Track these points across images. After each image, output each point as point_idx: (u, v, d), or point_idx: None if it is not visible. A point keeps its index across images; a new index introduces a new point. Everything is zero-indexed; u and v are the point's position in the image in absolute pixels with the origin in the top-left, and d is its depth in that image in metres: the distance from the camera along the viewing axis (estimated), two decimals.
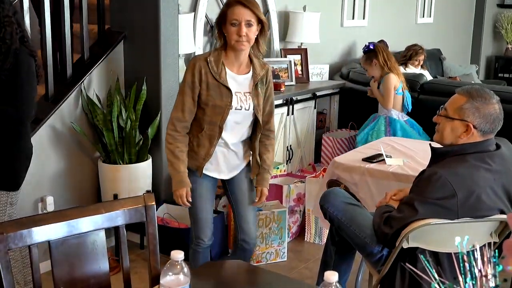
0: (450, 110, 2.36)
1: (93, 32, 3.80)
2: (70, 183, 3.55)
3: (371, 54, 4.39)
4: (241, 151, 2.75)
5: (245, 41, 2.57)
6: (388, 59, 4.38)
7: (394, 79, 4.32)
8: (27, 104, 2.65)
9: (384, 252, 2.52)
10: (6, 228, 1.60)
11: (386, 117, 4.36)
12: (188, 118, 2.63)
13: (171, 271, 1.48)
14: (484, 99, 2.32)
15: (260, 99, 2.68)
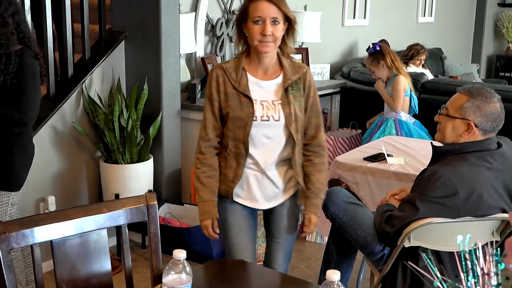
0: (451, 109, 2.37)
1: (94, 32, 3.80)
2: (71, 183, 3.55)
3: (377, 55, 4.30)
4: (279, 177, 2.34)
5: (271, 41, 2.19)
6: (396, 60, 4.32)
7: (404, 81, 4.25)
8: (31, 107, 2.67)
9: (385, 251, 2.53)
10: (8, 227, 1.61)
11: (395, 119, 4.27)
12: (212, 136, 2.29)
13: (173, 270, 1.48)
14: (485, 98, 2.33)
15: (293, 108, 2.26)
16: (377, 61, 4.30)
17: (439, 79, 5.38)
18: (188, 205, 3.74)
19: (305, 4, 4.96)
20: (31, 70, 2.65)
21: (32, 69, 2.66)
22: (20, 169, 2.74)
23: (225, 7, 4.40)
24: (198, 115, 3.78)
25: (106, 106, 3.61)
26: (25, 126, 2.69)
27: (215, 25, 4.29)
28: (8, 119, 2.63)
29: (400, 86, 4.22)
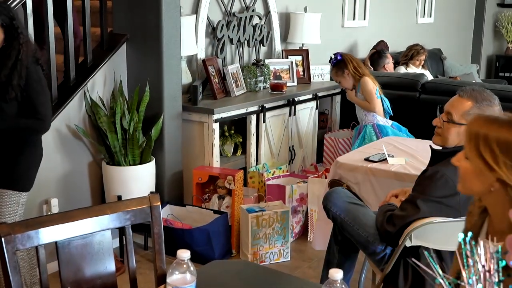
0: (456, 115, 2.36)
1: (96, 34, 3.81)
2: (74, 185, 3.56)
3: (341, 65, 4.27)
4: None
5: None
6: (359, 66, 4.27)
7: (370, 82, 4.22)
8: (49, 115, 2.79)
9: (387, 251, 2.54)
10: (14, 229, 1.62)
11: (373, 125, 4.22)
12: None
13: (177, 270, 1.50)
14: (489, 102, 2.34)
15: None
16: (341, 70, 4.27)
17: (439, 80, 5.40)
18: (190, 207, 3.76)
19: (305, 5, 4.97)
20: (36, 77, 2.69)
21: (37, 75, 2.69)
22: (32, 170, 2.79)
23: (225, 9, 4.42)
24: (200, 117, 3.81)
25: (108, 109, 3.63)
26: (44, 131, 2.82)
27: (216, 27, 4.31)
28: (32, 129, 2.74)
29: (369, 86, 4.20)
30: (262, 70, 4.47)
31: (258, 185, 4.01)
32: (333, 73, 4.37)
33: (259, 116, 4.18)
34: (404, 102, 4.79)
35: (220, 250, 3.60)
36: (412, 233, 2.34)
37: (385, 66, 5.49)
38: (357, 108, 4.37)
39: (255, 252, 3.59)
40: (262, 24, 4.68)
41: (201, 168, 3.80)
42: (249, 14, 4.54)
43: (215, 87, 4.10)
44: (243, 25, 4.49)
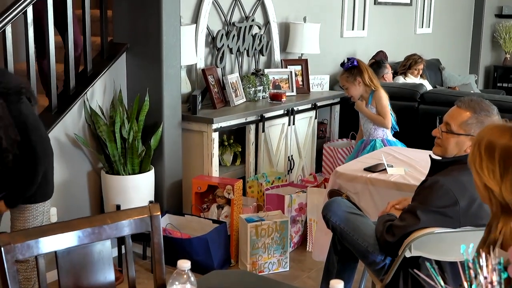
0: (455, 126, 2.38)
1: (96, 43, 3.82)
2: (73, 194, 3.56)
3: (354, 71, 4.02)
4: None
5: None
6: (374, 77, 4.07)
7: (386, 96, 4.02)
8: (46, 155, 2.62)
9: (386, 261, 2.54)
10: (14, 238, 1.62)
11: (382, 140, 4.03)
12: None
13: (177, 280, 1.49)
14: (487, 112, 2.36)
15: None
16: (354, 77, 4.02)
17: (438, 90, 5.42)
18: (189, 216, 3.75)
19: (304, 15, 4.99)
20: (25, 119, 2.52)
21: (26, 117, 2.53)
22: (48, 176, 2.74)
23: (225, 19, 4.44)
24: (199, 126, 3.82)
25: (107, 118, 3.63)
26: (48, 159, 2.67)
27: (215, 37, 4.32)
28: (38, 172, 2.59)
29: (385, 100, 4.02)
30: (262, 80, 4.48)
31: (257, 195, 4.01)
32: (344, 77, 4.08)
33: (258, 126, 4.18)
34: (403, 112, 4.79)
35: (219, 260, 3.59)
36: (411, 243, 2.33)
37: (384, 76, 5.50)
38: (364, 120, 4.14)
39: (254, 262, 3.59)
40: (262, 34, 4.69)
41: (200, 178, 3.79)
42: (248, 24, 4.55)
43: (215, 96, 4.10)
44: (242, 35, 4.50)
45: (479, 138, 1.58)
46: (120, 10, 3.74)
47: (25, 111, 2.54)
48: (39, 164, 2.58)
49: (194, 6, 4.19)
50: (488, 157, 1.52)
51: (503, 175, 1.50)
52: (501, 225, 1.52)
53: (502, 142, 1.52)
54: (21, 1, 3.14)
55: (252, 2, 4.65)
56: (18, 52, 3.50)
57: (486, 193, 1.55)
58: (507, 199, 1.50)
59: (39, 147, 2.57)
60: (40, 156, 2.57)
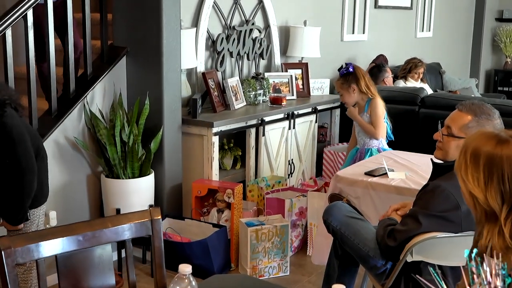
0: (455, 129, 2.38)
1: (96, 47, 3.82)
2: (73, 198, 3.55)
3: (350, 78, 3.88)
4: None
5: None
6: (371, 84, 3.93)
7: (382, 104, 3.89)
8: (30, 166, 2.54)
9: (387, 265, 2.53)
10: (14, 242, 1.61)
11: (378, 149, 3.88)
12: None
13: (179, 284, 1.49)
14: (488, 115, 2.35)
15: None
16: (349, 84, 3.89)
17: (438, 94, 5.42)
18: (189, 220, 3.74)
19: (304, 19, 4.99)
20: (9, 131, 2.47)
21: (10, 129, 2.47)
22: (46, 180, 2.74)
23: (225, 23, 4.44)
24: (199, 130, 3.81)
25: (107, 121, 3.62)
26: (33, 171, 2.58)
27: (215, 40, 4.32)
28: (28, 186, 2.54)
29: (379, 110, 3.88)
30: (262, 84, 4.48)
31: (257, 199, 4.00)
32: (339, 83, 3.96)
33: (258, 130, 4.17)
34: (403, 116, 4.80)
35: (219, 264, 3.58)
36: (413, 248, 2.33)
37: (384, 80, 5.50)
38: (358, 129, 4.03)
39: (254, 266, 3.58)
40: (262, 38, 4.69)
41: (200, 181, 3.78)
42: (249, 27, 4.55)
43: (215, 100, 4.10)
44: (243, 39, 4.50)
45: (466, 144, 1.59)
46: (120, 13, 3.73)
47: (10, 123, 2.47)
48: (25, 176, 2.51)
49: (194, 10, 4.18)
50: (473, 164, 1.53)
51: (487, 183, 1.51)
52: (486, 233, 1.52)
53: (487, 149, 1.53)
54: (21, 5, 3.14)
55: (252, 5, 4.65)
56: (18, 55, 3.49)
57: (471, 200, 1.56)
58: (492, 206, 1.50)
59: (23, 160, 2.49)
60: (24, 168, 2.50)
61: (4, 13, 3.12)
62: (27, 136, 2.55)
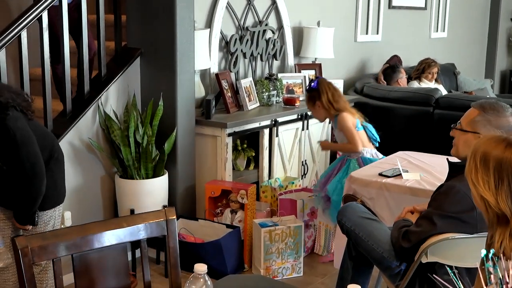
0: (464, 123, 2.41)
1: (110, 48, 3.84)
2: (87, 198, 3.57)
3: (313, 94, 3.76)
4: None
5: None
6: (335, 99, 3.73)
7: (349, 117, 3.71)
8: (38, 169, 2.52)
9: (402, 267, 2.52)
10: (31, 241, 1.62)
11: (357, 158, 3.73)
12: None
13: (194, 284, 1.49)
14: (497, 112, 2.35)
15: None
16: (313, 100, 3.77)
17: (453, 95, 5.38)
18: (203, 221, 3.75)
19: (318, 20, 4.98)
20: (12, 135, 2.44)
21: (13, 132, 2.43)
22: (61, 181, 2.73)
23: (239, 24, 4.44)
24: (213, 131, 3.81)
25: (121, 122, 3.64)
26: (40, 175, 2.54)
27: (229, 41, 4.32)
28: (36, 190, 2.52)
29: (348, 122, 3.70)
30: (275, 84, 4.48)
31: (271, 200, 4.00)
32: (306, 100, 3.88)
33: (272, 130, 4.17)
34: (418, 117, 4.77)
35: (233, 265, 3.58)
36: (427, 249, 2.31)
37: (398, 81, 5.48)
38: (339, 139, 3.85)
39: (268, 267, 3.57)
40: (275, 39, 4.69)
41: (214, 182, 3.79)
42: (262, 28, 4.55)
43: (228, 101, 4.10)
44: (256, 39, 4.50)
45: (475, 149, 1.60)
46: (134, 15, 3.75)
47: (13, 126, 2.43)
48: (31, 180, 2.49)
49: (208, 11, 4.19)
50: (483, 168, 1.54)
51: (498, 186, 1.53)
52: (498, 236, 1.52)
53: (496, 153, 1.54)
54: (36, 7, 3.16)
55: (265, 6, 4.65)
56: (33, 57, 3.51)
57: (483, 203, 1.57)
58: (503, 209, 1.51)
59: (27, 164, 2.46)
60: (29, 172, 2.47)
61: (19, 15, 3.14)
62: (32, 139, 2.51)
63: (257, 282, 1.94)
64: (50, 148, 2.65)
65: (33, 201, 2.52)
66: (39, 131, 2.62)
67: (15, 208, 2.56)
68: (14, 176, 2.49)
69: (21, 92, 2.61)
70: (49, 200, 2.64)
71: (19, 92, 2.59)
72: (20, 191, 2.50)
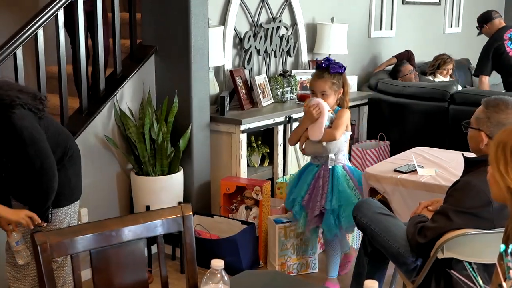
0: (472, 120, 2.45)
1: (125, 46, 3.86)
2: (103, 195, 3.60)
3: (340, 78, 3.28)
4: None
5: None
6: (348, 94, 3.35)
7: (349, 115, 3.31)
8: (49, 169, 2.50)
9: (418, 262, 2.51)
10: (50, 237, 1.64)
11: (343, 166, 3.31)
12: None
13: (211, 279, 1.50)
14: (498, 109, 2.36)
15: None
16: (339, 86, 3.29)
17: (468, 90, 5.34)
18: (218, 217, 3.76)
19: (332, 16, 4.97)
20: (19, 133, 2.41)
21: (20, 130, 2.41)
22: (77, 179, 2.73)
23: (252, 21, 4.44)
24: (227, 128, 3.83)
25: (137, 119, 3.66)
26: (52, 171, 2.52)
27: (243, 38, 4.33)
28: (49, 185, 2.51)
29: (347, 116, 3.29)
30: (289, 81, 4.48)
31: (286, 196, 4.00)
32: (328, 82, 3.24)
33: (286, 127, 4.17)
34: (432, 113, 4.75)
35: (248, 261, 3.59)
36: (444, 245, 2.31)
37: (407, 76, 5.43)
38: (315, 147, 3.31)
39: (283, 263, 3.58)
40: (289, 35, 4.69)
41: (229, 179, 3.80)
42: (276, 25, 4.55)
43: (242, 97, 4.11)
44: (270, 36, 4.50)
45: (502, 140, 1.60)
46: (148, 12, 3.77)
47: (19, 124, 2.42)
48: (41, 177, 2.48)
49: (222, 8, 4.20)
50: None
51: None
52: None
53: None
54: (52, 5, 3.19)
55: (279, 3, 4.64)
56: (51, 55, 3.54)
57: (509, 195, 1.56)
58: None
59: (36, 161, 2.45)
60: (39, 169, 2.46)
61: (36, 13, 3.17)
62: (41, 136, 2.49)
63: (274, 278, 1.95)
64: (64, 145, 2.66)
65: (45, 198, 2.53)
66: (52, 129, 2.62)
67: (29, 205, 2.59)
68: (24, 173, 2.51)
69: (32, 91, 2.60)
70: (64, 197, 2.65)
71: (29, 90, 2.58)
72: (32, 188, 2.52)
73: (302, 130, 3.32)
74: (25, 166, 2.47)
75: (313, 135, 3.24)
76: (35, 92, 2.63)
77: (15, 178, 2.54)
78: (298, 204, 3.36)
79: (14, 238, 2.59)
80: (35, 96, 2.57)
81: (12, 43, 3.04)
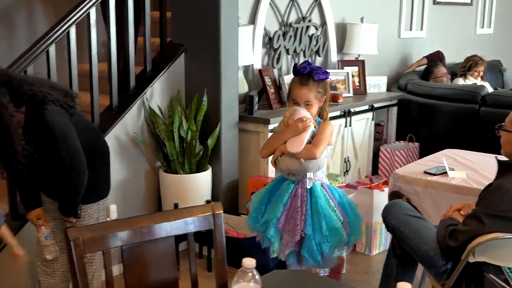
0: (507, 123, 2.40)
1: (155, 44, 3.89)
2: (132, 192, 3.62)
3: (324, 85, 2.90)
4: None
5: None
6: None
7: (332, 129, 2.92)
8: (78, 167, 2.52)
9: (448, 265, 2.48)
10: (82, 233, 1.66)
11: (322, 184, 2.90)
12: None
13: (242, 278, 1.50)
14: None
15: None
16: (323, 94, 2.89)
17: (500, 92, 5.26)
18: (245, 216, 3.75)
19: (361, 16, 4.94)
20: (51, 129, 2.43)
21: (52, 126, 2.43)
22: (105, 176, 2.76)
23: (282, 20, 4.44)
24: (255, 127, 3.83)
25: (166, 117, 3.68)
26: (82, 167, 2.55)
27: (272, 37, 4.32)
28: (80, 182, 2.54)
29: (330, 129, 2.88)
30: None
31: None
32: (314, 89, 2.84)
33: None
34: (463, 114, 4.69)
35: (275, 260, 3.57)
36: (475, 248, 2.28)
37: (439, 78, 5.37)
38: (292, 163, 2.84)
39: None
40: (318, 35, 4.67)
41: (257, 178, 3.80)
42: (305, 24, 4.54)
43: (271, 97, 4.11)
44: (299, 36, 4.49)
45: None
46: (178, 11, 3.79)
47: (51, 120, 2.42)
48: (71, 173, 2.50)
49: (252, 7, 4.20)
50: None
51: None
52: None
53: None
54: (85, 3, 3.22)
55: (309, 2, 4.63)
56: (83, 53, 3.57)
57: None
58: None
59: (66, 157, 2.47)
60: (70, 165, 2.49)
61: (69, 11, 3.20)
62: (72, 133, 2.51)
63: (303, 278, 1.94)
64: (93, 142, 2.68)
65: (75, 194, 2.56)
66: (82, 125, 2.64)
67: (60, 200, 2.62)
68: (55, 169, 2.54)
69: (63, 88, 2.63)
70: (92, 193, 2.68)
71: (60, 87, 2.61)
72: (62, 183, 2.55)
73: (280, 143, 2.84)
74: (55, 162, 2.49)
75: (291, 147, 2.78)
76: (67, 89, 2.66)
77: (46, 174, 2.58)
78: (274, 226, 2.90)
79: (43, 233, 2.64)
80: (66, 93, 2.60)
81: (45, 41, 3.08)
